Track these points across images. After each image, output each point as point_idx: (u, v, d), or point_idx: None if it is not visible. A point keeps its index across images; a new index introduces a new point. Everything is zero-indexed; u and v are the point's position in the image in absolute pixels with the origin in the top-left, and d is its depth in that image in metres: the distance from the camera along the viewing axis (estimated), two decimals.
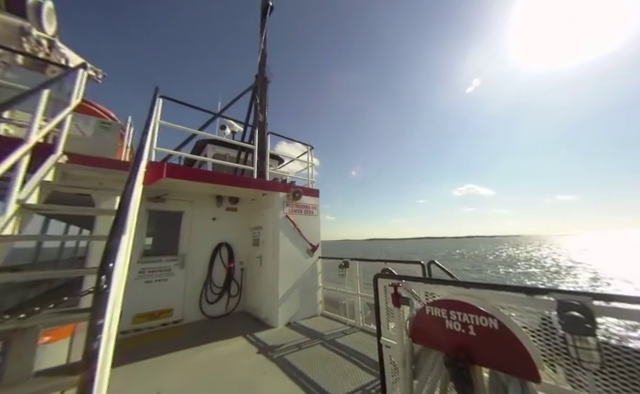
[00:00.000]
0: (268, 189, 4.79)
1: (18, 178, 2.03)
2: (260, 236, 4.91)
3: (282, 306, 4.20)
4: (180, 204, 4.65)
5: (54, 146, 2.69)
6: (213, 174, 4.52)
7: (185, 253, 4.54)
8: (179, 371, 2.79)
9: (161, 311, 4.13)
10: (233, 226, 5.24)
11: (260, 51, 6.55)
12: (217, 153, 6.62)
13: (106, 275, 1.13)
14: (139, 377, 2.66)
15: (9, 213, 1.91)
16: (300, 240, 4.75)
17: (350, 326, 4.10)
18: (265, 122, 5.85)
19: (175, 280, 4.35)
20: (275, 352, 3.24)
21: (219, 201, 5.10)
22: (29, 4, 3.62)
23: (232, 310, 4.86)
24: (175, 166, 3.99)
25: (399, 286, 2.04)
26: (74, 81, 3.20)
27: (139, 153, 2.28)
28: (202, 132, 5.09)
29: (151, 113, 3.18)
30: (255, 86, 6.22)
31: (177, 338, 3.70)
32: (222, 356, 3.13)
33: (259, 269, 4.75)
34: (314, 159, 5.91)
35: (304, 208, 5.01)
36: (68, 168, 2.84)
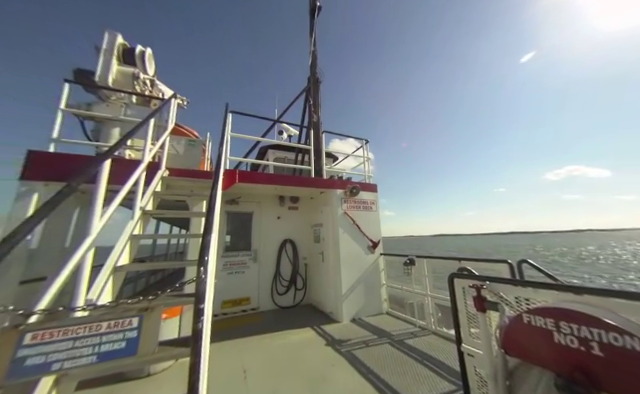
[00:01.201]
0: (325, 187, 4.87)
1: (139, 190, 2.61)
2: (321, 233, 5.05)
3: (346, 302, 4.22)
4: (250, 205, 5.21)
5: (159, 163, 3.37)
6: (275, 176, 4.87)
7: (257, 249, 5.07)
8: (260, 353, 3.12)
9: (241, 299, 4.73)
10: (295, 224, 5.55)
11: (310, 53, 6.71)
12: (277, 157, 7.12)
13: (204, 266, 1.33)
14: (228, 354, 3.09)
15: (136, 218, 2.48)
16: (360, 236, 4.67)
17: (420, 328, 3.80)
18: (319, 122, 5.97)
19: (250, 272, 4.92)
20: (342, 346, 3.27)
21: (282, 201, 5.48)
22: (137, 54, 4.64)
23: (299, 302, 5.17)
24: (245, 172, 4.48)
25: (483, 288, 1.76)
26: (169, 110, 3.94)
27: (218, 163, 2.62)
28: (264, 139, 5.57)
29: (224, 127, 3.64)
30: (308, 88, 6.41)
31: (255, 324, 4.16)
32: (294, 344, 3.35)
33: (321, 265, 4.89)
34: (369, 153, 5.71)
35: (362, 204, 4.90)
36: (170, 180, 3.52)
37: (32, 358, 0.91)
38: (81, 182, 1.70)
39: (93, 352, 0.98)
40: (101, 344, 1.00)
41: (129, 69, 4.41)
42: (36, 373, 0.92)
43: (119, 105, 4.22)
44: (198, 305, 1.27)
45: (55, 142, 3.21)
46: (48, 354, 0.93)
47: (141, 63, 4.57)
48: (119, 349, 1.03)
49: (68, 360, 0.94)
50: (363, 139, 5.63)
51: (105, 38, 4.21)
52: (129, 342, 1.05)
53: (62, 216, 3.28)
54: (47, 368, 0.92)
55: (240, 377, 2.60)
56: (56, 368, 0.93)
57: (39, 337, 0.93)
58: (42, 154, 3.03)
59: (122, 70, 4.32)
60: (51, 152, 3.14)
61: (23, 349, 0.90)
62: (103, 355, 1.00)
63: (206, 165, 5.78)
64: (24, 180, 2.88)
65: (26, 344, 0.91)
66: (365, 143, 5.66)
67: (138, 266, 2.55)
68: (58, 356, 0.94)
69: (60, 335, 0.96)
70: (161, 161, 3.40)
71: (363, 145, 5.62)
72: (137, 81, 4.47)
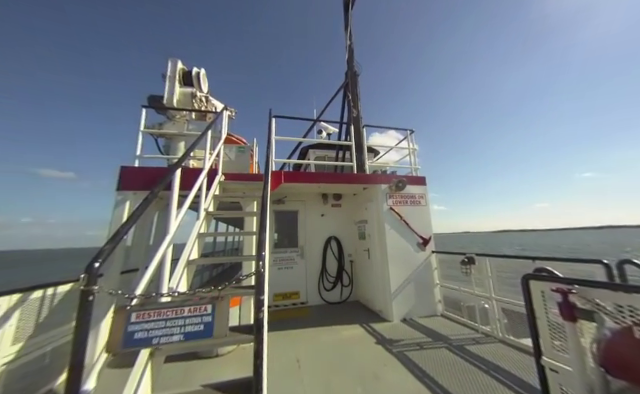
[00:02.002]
0: (368, 182, 4.75)
1: (203, 194, 2.97)
2: (365, 230, 4.96)
3: (395, 301, 4.06)
4: (295, 204, 5.43)
5: (216, 169, 3.77)
6: (316, 174, 4.97)
7: (303, 245, 5.26)
8: (311, 345, 3.23)
9: (291, 293, 4.98)
10: (339, 221, 5.57)
11: (347, 47, 6.61)
12: (318, 156, 7.25)
13: (262, 261, 1.43)
14: (282, 344, 3.28)
15: (201, 218, 2.83)
16: (408, 233, 4.42)
17: (484, 334, 3.41)
18: (359, 116, 5.85)
19: (298, 268, 5.13)
20: (394, 346, 3.16)
21: (325, 199, 5.56)
22: (193, 75, 5.27)
23: (346, 299, 5.18)
24: (290, 172, 4.69)
25: (571, 292, 1.48)
26: (221, 122, 4.38)
27: (267, 166, 2.80)
28: (305, 139, 5.73)
29: (269, 132, 3.88)
30: (346, 83, 6.34)
31: (305, 317, 4.33)
32: (345, 340, 3.37)
33: (368, 262, 4.80)
34: (415, 144, 5.35)
35: (409, 198, 4.63)
36: (225, 184, 3.90)
37: (137, 333, 1.12)
38: (160, 189, 2.01)
39: (180, 332, 1.17)
40: (185, 325, 1.18)
41: (188, 89, 5.02)
42: (141, 345, 1.13)
43: (183, 122, 4.86)
44: (258, 296, 1.38)
45: (139, 158, 3.88)
46: (148, 330, 1.13)
47: (197, 83, 5.17)
48: (199, 331, 1.19)
49: (163, 336, 1.14)
50: (407, 129, 5.31)
51: (168, 65, 4.88)
52: (206, 326, 1.20)
53: (146, 219, 3.94)
54: (148, 342, 1.13)
55: (294, 366, 2.74)
56: (155, 342, 1.13)
57: (141, 316, 1.15)
58: (130, 169, 3.69)
59: (183, 91, 4.95)
60: (136, 166, 3.80)
61: (131, 325, 1.12)
62: (187, 335, 1.17)
63: (255, 168, 6.23)
64: (119, 191, 3.54)
65: (133, 322, 1.13)
66: (410, 133, 5.33)
67: (205, 260, 2.92)
68: (155, 333, 1.14)
69: (155, 316, 1.16)
70: (218, 167, 3.80)
71: (408, 136, 5.30)
72: (195, 99, 5.07)
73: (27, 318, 2.30)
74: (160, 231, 4.53)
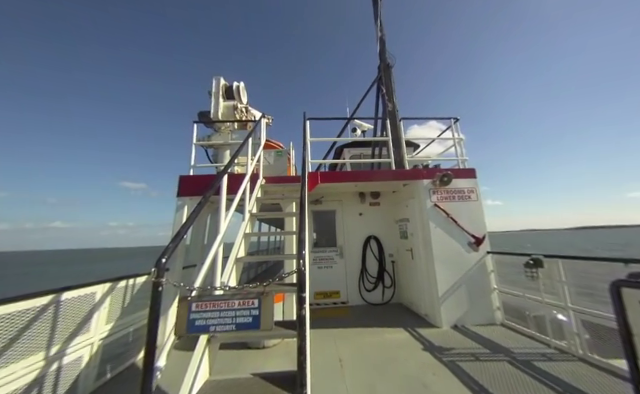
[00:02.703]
0: (408, 178, 4.50)
1: (247, 197, 3.19)
2: (407, 228, 4.70)
3: (444, 305, 3.74)
4: (332, 204, 5.45)
5: (258, 174, 4.02)
6: (352, 173, 4.88)
7: (342, 245, 5.24)
8: (353, 346, 3.19)
9: (331, 292, 5.01)
10: (378, 220, 5.40)
11: (378, 39, 6.39)
12: (353, 154, 7.16)
13: (302, 259, 1.47)
14: (324, 342, 3.32)
15: (246, 219, 3.05)
16: (457, 231, 4.04)
17: (558, 350, 2.91)
18: (395, 109, 5.60)
19: (338, 268, 5.14)
20: (444, 354, 2.92)
21: (362, 198, 5.45)
22: (234, 89, 5.72)
23: (388, 300, 4.99)
24: (326, 173, 4.72)
25: None
26: (260, 129, 4.65)
27: (303, 167, 2.87)
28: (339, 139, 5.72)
29: (305, 134, 3.98)
30: (379, 77, 6.13)
31: (345, 317, 4.31)
32: (388, 344, 3.24)
33: (411, 263, 4.54)
34: (460, 134, 4.87)
35: (457, 194, 4.23)
36: (266, 187, 4.13)
37: (197, 321, 1.27)
38: (211, 194, 2.22)
39: (232, 322, 1.27)
40: (236, 317, 1.29)
41: (230, 103, 5.46)
42: (200, 331, 1.28)
43: (227, 132, 5.31)
44: (300, 293, 1.42)
45: (193, 168, 4.37)
46: (207, 319, 1.27)
47: (238, 95, 5.58)
48: (247, 322, 1.28)
49: (218, 325, 1.26)
50: (451, 118, 4.87)
51: (213, 83, 5.38)
52: (254, 318, 1.29)
53: (201, 220, 4.42)
54: (207, 329, 1.26)
55: (337, 365, 2.74)
56: (212, 330, 1.26)
57: (200, 306, 1.29)
58: (187, 177, 4.18)
59: (226, 104, 5.40)
60: (191, 175, 4.28)
61: (192, 314, 1.27)
62: (238, 325, 1.27)
63: (292, 171, 6.45)
64: (179, 197, 4.04)
65: (193, 311, 1.28)
66: (454, 122, 4.87)
67: (250, 258, 3.14)
68: (212, 322, 1.27)
69: (211, 307, 1.30)
70: (259, 172, 4.05)
71: (452, 125, 4.86)
72: (236, 110, 5.49)
73: (115, 303, 2.78)
74: (212, 231, 5.03)
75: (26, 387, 1.93)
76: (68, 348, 2.24)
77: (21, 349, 1.93)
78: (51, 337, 2.13)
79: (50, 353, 2.11)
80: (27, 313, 1.99)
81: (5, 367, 1.83)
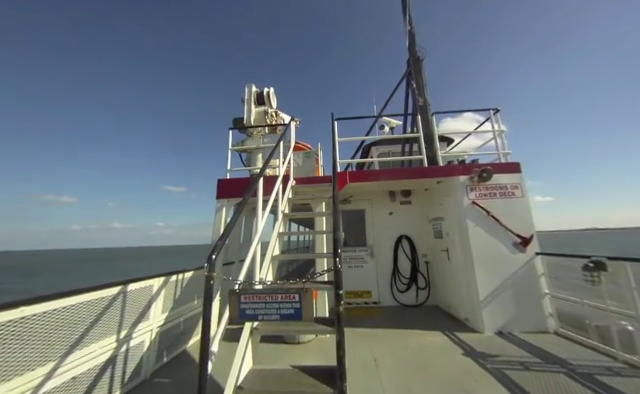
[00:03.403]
0: (442, 175, 4.28)
1: (280, 198, 3.34)
2: (442, 228, 4.48)
3: (487, 310, 3.49)
4: (361, 203, 5.41)
5: (288, 175, 4.17)
6: (382, 172, 4.80)
7: (372, 244, 5.18)
8: (388, 347, 3.14)
9: (362, 291, 4.98)
10: (410, 219, 5.23)
11: (407, 33, 6.19)
12: (381, 152, 7.02)
13: (338, 257, 1.52)
14: (357, 341, 3.31)
15: (280, 219, 3.19)
16: (499, 231, 3.74)
17: (627, 365, 2.55)
18: (427, 104, 5.37)
19: (368, 267, 5.09)
20: (487, 361, 2.73)
21: (392, 196, 5.32)
22: (264, 95, 5.99)
23: (423, 302, 4.80)
24: (354, 172, 4.72)
25: None
26: (290, 132, 4.80)
27: (334, 168, 2.91)
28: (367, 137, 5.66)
29: (333, 135, 4.02)
30: (408, 71, 5.94)
31: (378, 317, 4.25)
32: (425, 346, 3.13)
33: (447, 264, 4.32)
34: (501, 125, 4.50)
35: (498, 190, 3.92)
36: (296, 188, 4.26)
37: (247, 310, 1.39)
38: (249, 196, 2.38)
39: (277, 313, 1.37)
40: (280, 309, 1.38)
41: (261, 108, 5.74)
42: (250, 319, 1.41)
43: (259, 136, 5.58)
44: (337, 290, 1.47)
45: (229, 172, 4.69)
46: (254, 309, 1.39)
47: (268, 101, 5.84)
48: (290, 314, 1.37)
49: (265, 315, 1.38)
50: (490, 109, 4.52)
51: (245, 91, 5.70)
52: (295, 311, 1.37)
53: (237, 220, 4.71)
54: (255, 317, 1.38)
55: (372, 364, 2.73)
56: (260, 318, 1.38)
57: (248, 298, 1.41)
58: (224, 180, 4.50)
59: (257, 110, 5.69)
60: (228, 178, 4.60)
61: (242, 304, 1.40)
62: (282, 316, 1.37)
63: (320, 171, 6.55)
64: (218, 199, 4.37)
65: (243, 302, 1.40)
66: (494, 113, 4.52)
67: (285, 256, 3.28)
68: (259, 311, 1.38)
69: (257, 298, 1.41)
70: (289, 173, 4.20)
71: (491, 116, 4.52)
72: (267, 115, 5.75)
73: (168, 295, 3.12)
74: (247, 231, 5.34)
75: (102, 365, 2.27)
76: (134, 333, 2.58)
77: (99, 332, 2.27)
78: (120, 322, 2.47)
79: (120, 336, 2.45)
80: (102, 301, 2.33)
81: (88, 346, 2.17)
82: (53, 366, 1.91)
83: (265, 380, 1.70)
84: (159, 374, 2.77)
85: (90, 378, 2.16)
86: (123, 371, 2.45)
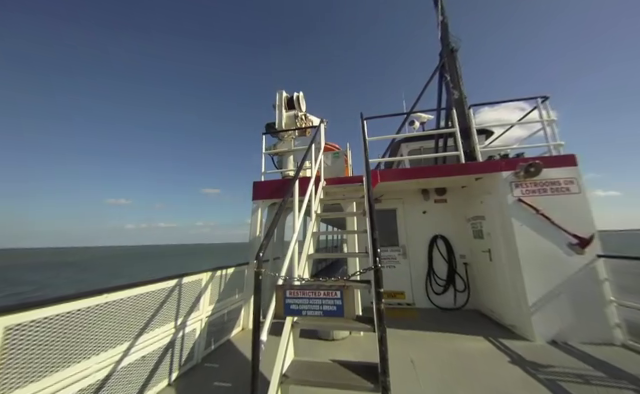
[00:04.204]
0: (482, 171, 4.02)
1: (313, 199, 3.45)
2: (483, 227, 4.21)
3: (537, 316, 3.20)
4: (392, 202, 5.31)
5: (319, 176, 4.27)
6: (414, 170, 4.60)
7: (405, 244, 5.05)
8: (425, 349, 3.06)
9: (396, 292, 4.89)
10: (445, 218, 4.99)
11: (439, 24, 5.90)
12: (411, 149, 6.78)
13: (378, 257, 1.55)
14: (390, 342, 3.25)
15: (313, 219, 3.30)
16: (552, 230, 3.40)
17: None
18: (462, 96, 5.07)
19: (401, 268, 4.97)
20: (539, 371, 2.52)
21: (425, 195, 5.13)
22: (294, 99, 6.18)
23: (462, 306, 4.55)
24: (385, 171, 4.66)
25: None
26: (319, 133, 4.90)
27: (367, 167, 2.92)
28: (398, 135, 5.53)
29: (364, 134, 4.01)
30: (441, 64, 5.65)
31: (413, 319, 4.14)
32: (466, 352, 2.99)
33: (489, 266, 4.05)
34: (551, 113, 4.07)
35: (549, 186, 3.56)
36: (327, 188, 4.35)
37: (292, 305, 1.51)
38: (289, 197, 2.52)
39: (319, 309, 1.46)
40: (322, 305, 1.47)
41: (292, 112, 5.94)
42: (295, 314, 1.51)
43: (290, 140, 5.79)
44: (377, 289, 1.51)
45: (263, 174, 4.95)
46: (299, 304, 1.49)
47: (298, 105, 6.03)
48: (333, 310, 1.44)
49: (308, 310, 1.47)
50: (538, 97, 4.11)
51: (277, 96, 5.94)
52: (337, 307, 1.44)
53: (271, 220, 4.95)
54: (300, 312, 1.48)
55: (409, 365, 2.70)
56: (304, 313, 1.48)
57: (292, 294, 1.52)
58: (259, 183, 4.77)
59: (288, 114, 5.89)
60: (263, 181, 4.86)
61: (287, 299, 1.51)
62: (325, 312, 1.45)
63: (350, 171, 6.56)
64: (254, 200, 4.65)
65: (288, 297, 1.52)
66: (542, 101, 4.11)
67: (319, 255, 3.38)
68: (303, 306, 1.48)
69: (301, 294, 1.51)
70: (320, 174, 4.30)
71: (539, 105, 4.11)
72: (297, 119, 5.94)
73: (214, 289, 3.42)
74: (279, 230, 5.58)
75: (164, 348, 2.60)
76: (188, 321, 2.90)
77: (161, 318, 2.61)
78: (177, 311, 2.80)
79: (177, 323, 2.77)
80: (163, 291, 2.66)
81: (153, 330, 2.51)
82: (128, 345, 2.25)
83: (308, 371, 1.80)
84: (208, 359, 3.07)
85: (155, 359, 2.49)
86: (180, 354, 2.78)
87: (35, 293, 18.51)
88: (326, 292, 1.49)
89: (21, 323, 1.62)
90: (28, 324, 1.65)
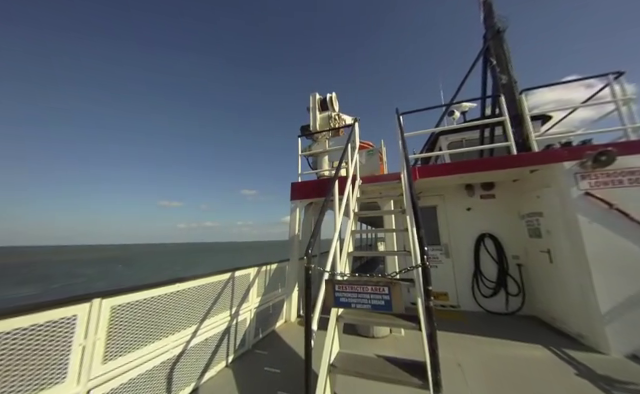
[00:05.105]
0: (538, 162, 3.63)
1: (350, 198, 3.51)
2: (541, 225, 3.79)
3: (612, 326, 2.80)
4: (432, 199, 5.07)
5: (355, 175, 4.31)
6: (456, 165, 4.31)
7: (447, 243, 4.80)
8: (473, 354, 2.91)
9: (438, 293, 4.68)
10: (493, 215, 4.60)
11: (481, 4, 5.45)
12: (451, 142, 6.37)
13: (426, 255, 1.56)
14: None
15: (351, 218, 3.36)
16: (631, 228, 2.93)
17: None
18: (512, 81, 4.63)
19: (444, 268, 4.73)
20: (615, 387, 2.23)
21: (470, 190, 4.79)
22: (327, 101, 6.29)
23: (516, 311, 4.17)
24: (424, 167, 4.49)
25: None
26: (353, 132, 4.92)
27: (407, 164, 2.87)
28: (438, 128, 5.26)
29: (401, 130, 3.93)
30: (486, 48, 5.22)
31: (458, 322, 3.93)
32: (523, 360, 2.77)
33: (550, 267, 3.64)
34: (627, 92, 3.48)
35: (627, 176, 3.06)
36: (363, 186, 4.36)
37: (342, 298, 1.61)
38: (330, 197, 2.62)
39: (368, 302, 1.54)
40: (370, 299, 1.54)
41: (325, 114, 6.06)
42: (344, 306, 1.61)
43: (324, 140, 5.93)
44: (426, 286, 1.52)
45: (300, 175, 5.17)
46: (347, 297, 1.59)
47: (331, 105, 6.12)
48: (381, 305, 1.51)
49: (358, 303, 1.56)
50: (610, 73, 3.56)
51: (310, 99, 6.12)
52: (386, 302, 1.50)
53: (308, 220, 5.13)
54: (349, 305, 1.58)
55: (456, 369, 2.60)
56: (353, 306, 1.57)
57: (341, 287, 1.62)
58: (297, 183, 4.99)
59: (322, 116, 6.03)
60: (300, 181, 5.07)
61: (337, 292, 1.62)
62: (373, 306, 1.52)
63: (385, 169, 6.44)
64: (292, 200, 4.88)
65: (337, 290, 1.62)
66: (615, 78, 3.54)
67: (359, 253, 3.45)
68: (352, 300, 1.58)
69: (349, 289, 1.60)
70: (357, 172, 4.33)
71: (611, 82, 3.55)
72: (331, 119, 6.04)
73: (260, 283, 3.72)
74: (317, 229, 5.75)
75: (222, 333, 2.93)
76: (240, 310, 3.22)
77: (219, 307, 2.94)
78: (231, 301, 3.13)
79: (232, 312, 3.10)
80: (220, 283, 3.00)
81: (213, 317, 2.85)
82: (195, 329, 2.61)
83: (354, 363, 1.89)
84: (258, 346, 3.36)
85: (215, 342, 2.83)
86: (235, 340, 3.10)
87: (85, 284, 21.93)
88: (374, 287, 1.56)
89: (120, 304, 2.01)
90: (125, 305, 2.04)
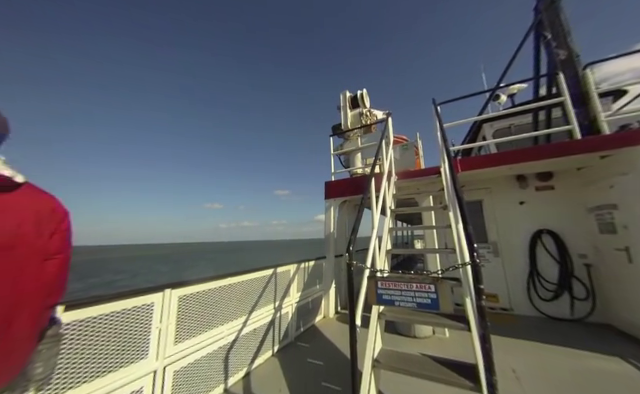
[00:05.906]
0: (610, 146, 3.13)
1: (387, 195, 3.45)
2: (615, 219, 3.26)
3: None
4: (476, 193, 4.70)
5: (391, 171, 4.21)
6: (503, 155, 3.90)
7: (496, 241, 4.40)
8: (530, 361, 2.65)
9: (487, 294, 4.33)
10: (552, 208, 4.08)
11: None
12: (497, 129, 5.80)
13: (476, 252, 1.49)
14: None
15: (388, 216, 3.32)
16: None
17: None
18: (572, 56, 4.04)
19: (492, 267, 4.35)
20: None
21: (522, 181, 4.32)
22: (358, 97, 6.23)
23: (584, 317, 3.66)
24: (466, 159, 4.19)
25: None
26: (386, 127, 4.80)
27: (449, 159, 2.71)
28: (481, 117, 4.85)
29: (440, 121, 3.72)
30: (537, 21, 4.63)
31: (512, 326, 3.60)
32: (595, 373, 2.43)
33: (628, 268, 3.11)
34: None
35: None
36: (399, 183, 4.25)
37: (384, 295, 1.63)
38: (367, 194, 2.63)
39: (412, 301, 1.53)
40: (415, 297, 1.53)
41: (356, 111, 6.01)
42: (388, 304, 1.63)
43: (356, 138, 5.89)
44: (477, 284, 1.45)
45: (333, 174, 5.23)
46: (390, 295, 1.61)
47: (362, 102, 6.06)
48: (427, 303, 1.49)
49: (402, 301, 1.56)
50: None
51: (341, 98, 6.13)
52: (432, 301, 1.48)
53: (343, 218, 5.17)
54: (392, 303, 1.59)
55: (510, 375, 2.41)
56: (397, 304, 1.58)
57: (384, 284, 1.64)
58: (331, 182, 5.06)
59: (353, 113, 6.00)
60: (333, 180, 5.14)
61: (379, 290, 1.65)
62: (418, 304, 1.51)
63: (421, 163, 6.15)
64: (326, 199, 4.98)
65: (380, 287, 1.65)
66: None
67: (398, 250, 3.38)
68: (395, 298, 1.59)
69: (392, 286, 1.61)
70: (391, 168, 4.23)
71: None
72: (362, 116, 5.98)
73: (300, 279, 3.89)
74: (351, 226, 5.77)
75: (268, 325, 3.15)
76: (283, 304, 3.42)
77: (265, 300, 3.17)
78: (275, 295, 3.34)
79: (276, 305, 3.31)
80: (264, 278, 3.23)
81: (258, 309, 3.08)
82: (245, 319, 2.86)
83: (397, 360, 1.89)
84: (300, 339, 3.53)
85: (262, 332, 3.06)
86: (279, 332, 3.31)
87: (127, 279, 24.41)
88: (419, 285, 1.54)
89: (185, 295, 2.31)
90: (189, 295, 2.33)
